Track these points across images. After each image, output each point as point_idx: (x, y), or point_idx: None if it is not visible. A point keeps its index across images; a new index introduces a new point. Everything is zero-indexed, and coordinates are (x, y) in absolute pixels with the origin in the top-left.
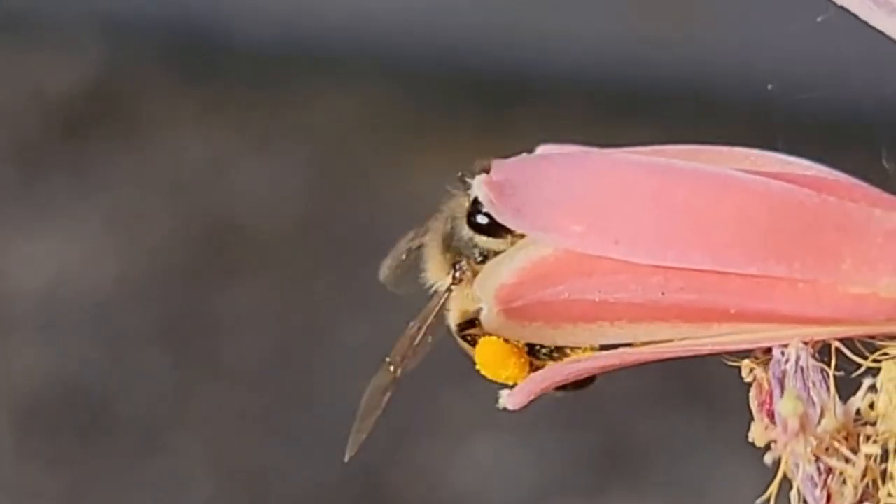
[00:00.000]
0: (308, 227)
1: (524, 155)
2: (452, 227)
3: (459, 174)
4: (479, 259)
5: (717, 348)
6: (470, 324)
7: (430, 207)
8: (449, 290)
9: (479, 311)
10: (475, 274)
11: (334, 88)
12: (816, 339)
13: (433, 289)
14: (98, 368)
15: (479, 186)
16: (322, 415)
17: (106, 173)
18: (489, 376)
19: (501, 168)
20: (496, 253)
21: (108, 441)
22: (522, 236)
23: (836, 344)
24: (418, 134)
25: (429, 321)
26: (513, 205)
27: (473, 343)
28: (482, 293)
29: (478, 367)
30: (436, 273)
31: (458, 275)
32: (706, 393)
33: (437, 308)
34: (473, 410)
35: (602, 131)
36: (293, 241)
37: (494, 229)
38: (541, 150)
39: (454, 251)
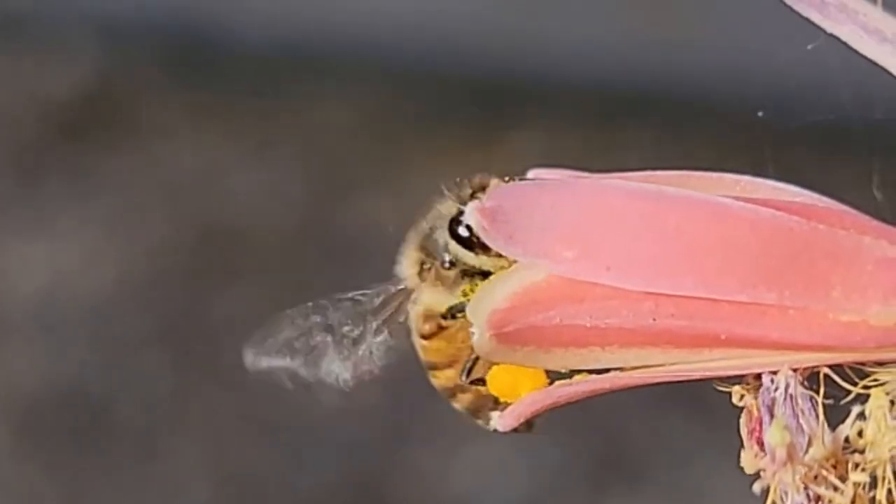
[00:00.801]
0: (305, 231)
1: (516, 182)
2: (432, 228)
3: (457, 179)
4: (447, 265)
5: (708, 374)
6: (475, 370)
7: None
8: (411, 288)
9: (447, 311)
10: (438, 278)
11: (331, 93)
12: (806, 365)
13: (401, 283)
14: (96, 371)
15: (472, 213)
16: (320, 418)
17: (103, 177)
18: (514, 401)
19: (493, 195)
20: (465, 263)
21: (106, 444)
22: (499, 255)
23: (826, 370)
24: (416, 138)
25: (386, 314)
26: (505, 231)
27: (483, 382)
28: (474, 318)
29: (501, 399)
30: (406, 267)
31: (423, 274)
32: (704, 397)
33: (398, 303)
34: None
35: (599, 136)
36: (290, 245)
37: (472, 243)
38: (532, 174)
39: (426, 251)
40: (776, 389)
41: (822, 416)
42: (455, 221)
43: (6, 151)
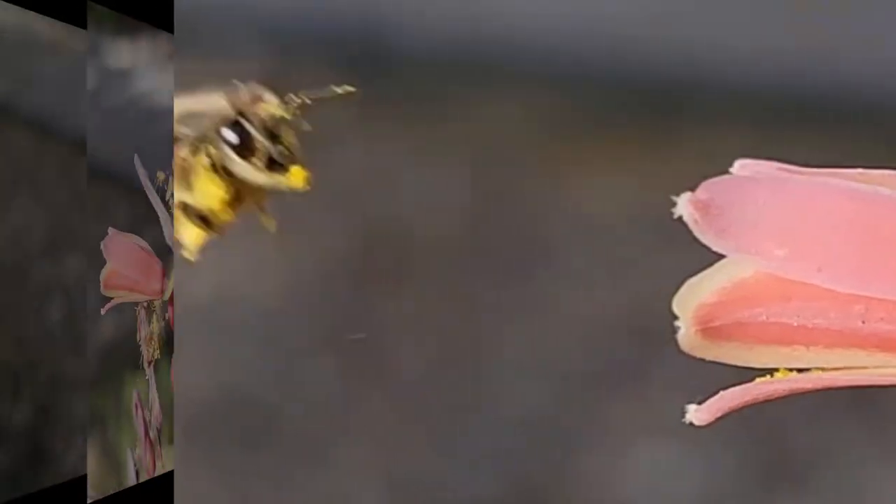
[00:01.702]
0: (471, 236)
1: (728, 175)
2: (219, 120)
3: (234, 81)
4: (209, 158)
5: None
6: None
7: (593, 218)
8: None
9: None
10: (202, 156)
11: (497, 98)
12: None
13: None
14: (263, 378)
15: (685, 205)
16: (487, 425)
17: None
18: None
19: (706, 187)
20: (228, 166)
21: (275, 450)
22: (269, 169)
23: None
24: (581, 144)
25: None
26: (718, 225)
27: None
28: (680, 311)
29: (191, 187)
30: (184, 111)
31: (196, 145)
32: (874, 405)
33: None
34: (639, 418)
35: (769, 143)
36: (456, 250)
37: (242, 151)
38: (739, 165)
39: (211, 134)
40: None
41: None
42: (233, 125)
43: (172, 156)
